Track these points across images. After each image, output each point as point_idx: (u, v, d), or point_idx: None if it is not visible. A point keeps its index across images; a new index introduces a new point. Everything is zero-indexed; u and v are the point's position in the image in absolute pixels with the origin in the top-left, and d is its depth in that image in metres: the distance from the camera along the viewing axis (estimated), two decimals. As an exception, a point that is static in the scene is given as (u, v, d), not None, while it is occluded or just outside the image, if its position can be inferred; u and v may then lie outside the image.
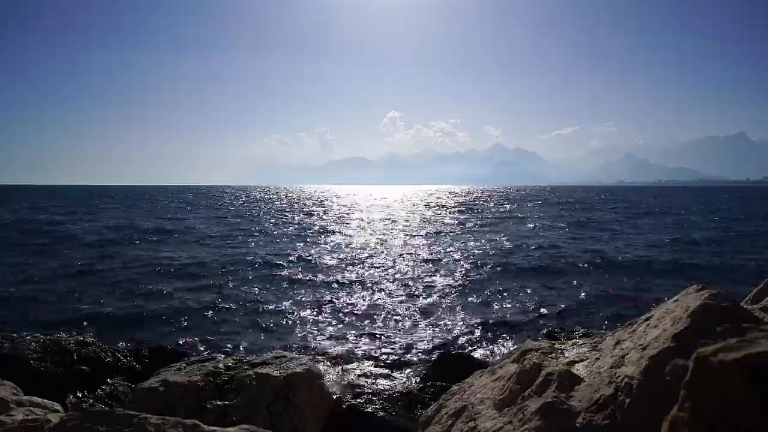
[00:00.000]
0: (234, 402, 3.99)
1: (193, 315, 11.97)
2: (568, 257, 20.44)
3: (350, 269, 17.83)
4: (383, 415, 4.34)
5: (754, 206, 64.05)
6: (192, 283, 15.53)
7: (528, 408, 2.43)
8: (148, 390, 4.10)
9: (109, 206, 61.53)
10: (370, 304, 12.90)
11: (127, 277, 16.12)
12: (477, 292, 14.39)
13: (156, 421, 2.49)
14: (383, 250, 22.70)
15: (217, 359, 4.59)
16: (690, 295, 2.44)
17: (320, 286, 15.21)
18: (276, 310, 12.55)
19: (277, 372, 4.22)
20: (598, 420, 2.17)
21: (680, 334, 2.20)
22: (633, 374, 2.21)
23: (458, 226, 36.18)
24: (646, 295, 13.85)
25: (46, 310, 12.17)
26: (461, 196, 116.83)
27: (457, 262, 19.31)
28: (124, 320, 11.48)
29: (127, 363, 5.80)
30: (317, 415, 4.26)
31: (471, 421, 2.69)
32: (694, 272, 17.12)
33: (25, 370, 4.94)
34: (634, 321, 2.74)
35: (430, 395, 4.69)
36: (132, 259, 19.54)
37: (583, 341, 3.00)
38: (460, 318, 11.66)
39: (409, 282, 15.66)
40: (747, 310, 2.44)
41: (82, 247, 23.30)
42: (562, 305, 12.78)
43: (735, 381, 0.97)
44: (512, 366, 2.94)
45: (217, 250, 22.88)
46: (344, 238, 28.11)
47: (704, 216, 44.88)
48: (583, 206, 63.56)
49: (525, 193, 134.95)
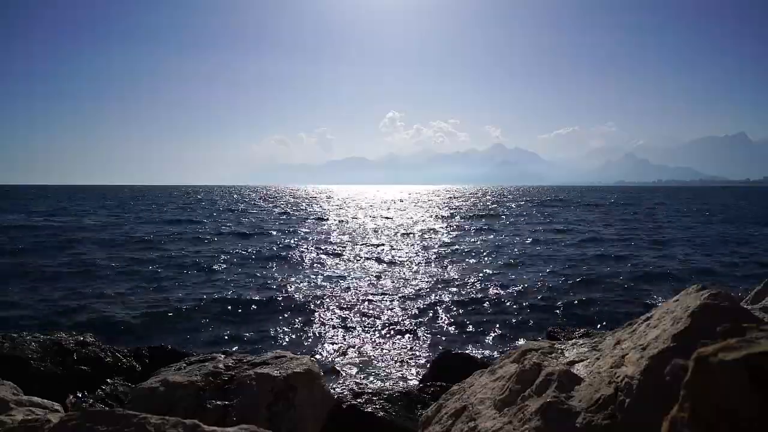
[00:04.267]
0: (234, 402, 3.99)
1: (193, 315, 11.97)
2: (568, 257, 20.44)
3: (350, 270, 17.82)
4: (383, 415, 4.34)
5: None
6: (192, 283, 15.53)
7: (528, 408, 2.43)
8: (148, 390, 4.09)
9: (109, 206, 61.51)
10: (370, 305, 12.89)
11: (127, 277, 16.12)
12: (477, 292, 14.39)
13: (156, 421, 2.49)
14: (383, 251, 22.69)
15: (217, 359, 4.58)
16: (690, 295, 2.44)
17: (320, 286, 15.22)
18: (276, 310, 12.54)
19: (277, 372, 4.22)
20: (598, 420, 2.17)
21: (680, 334, 2.20)
22: (633, 374, 2.21)
23: (458, 226, 36.17)
24: (646, 295, 13.86)
25: (46, 310, 12.17)
26: (463, 196, 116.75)
27: (457, 263, 19.30)
28: (124, 320, 11.48)
29: (127, 363, 5.79)
30: (317, 415, 4.26)
31: (471, 421, 2.69)
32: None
33: (25, 370, 4.93)
34: (634, 321, 2.74)
35: (430, 395, 4.68)
36: (131, 259, 19.55)
37: (583, 341, 3.00)
38: (460, 318, 11.65)
39: (409, 282, 15.66)
40: (747, 310, 2.44)
41: (79, 247, 23.30)
42: (562, 305, 12.78)
43: (735, 381, 0.97)
44: (512, 366, 2.94)
45: (217, 250, 22.87)
46: (344, 238, 28.10)
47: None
48: (581, 204, 63.59)
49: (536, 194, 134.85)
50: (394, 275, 16.77)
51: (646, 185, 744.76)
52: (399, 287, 14.95)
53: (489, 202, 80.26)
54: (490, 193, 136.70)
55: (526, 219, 42.09)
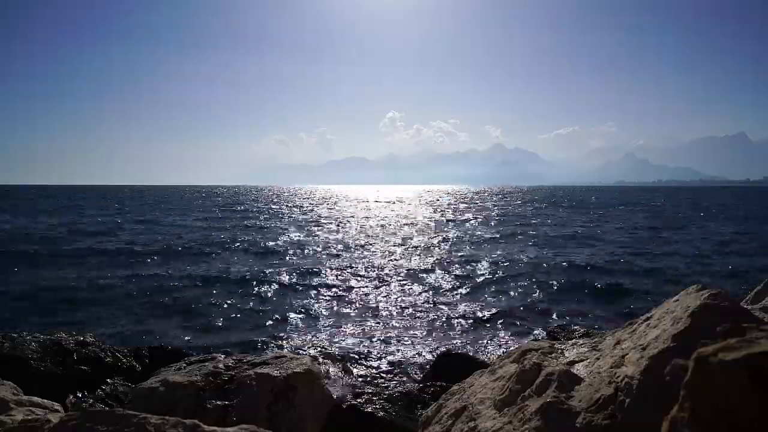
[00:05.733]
0: (234, 402, 3.99)
1: (193, 315, 11.97)
2: (569, 257, 20.44)
3: (350, 270, 17.82)
4: (383, 415, 4.34)
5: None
6: (192, 282, 15.52)
7: (528, 408, 2.43)
8: (148, 390, 4.09)
9: (107, 207, 61.52)
10: (370, 305, 12.90)
11: (127, 277, 16.12)
12: (477, 292, 14.39)
13: (156, 421, 2.49)
14: (383, 252, 22.69)
15: (217, 359, 4.58)
16: (690, 295, 2.44)
17: (320, 286, 15.21)
18: (276, 310, 12.54)
19: (277, 372, 4.22)
20: (598, 420, 2.17)
21: (680, 334, 2.20)
22: (633, 374, 2.21)
23: (458, 226, 36.18)
24: (646, 295, 13.85)
25: (47, 310, 12.18)
26: (463, 196, 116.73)
27: (457, 263, 19.30)
28: (124, 320, 11.49)
29: (127, 363, 5.79)
30: (317, 415, 4.26)
31: (471, 421, 2.69)
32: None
33: (25, 370, 4.94)
34: (634, 321, 2.74)
35: (430, 395, 4.68)
36: (129, 258, 19.55)
37: (583, 341, 3.00)
38: (460, 318, 11.65)
39: (409, 282, 15.66)
40: (747, 310, 2.44)
41: (77, 248, 23.30)
42: (562, 305, 12.78)
43: (735, 381, 0.97)
44: (512, 366, 2.94)
45: (219, 248, 22.87)
46: (344, 238, 28.10)
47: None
48: (581, 204, 63.60)
49: (536, 194, 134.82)
50: (393, 276, 16.76)
51: (646, 185, 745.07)
52: (399, 287, 14.95)
53: (489, 202, 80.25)
54: (489, 194, 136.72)
55: (526, 219, 42.09)
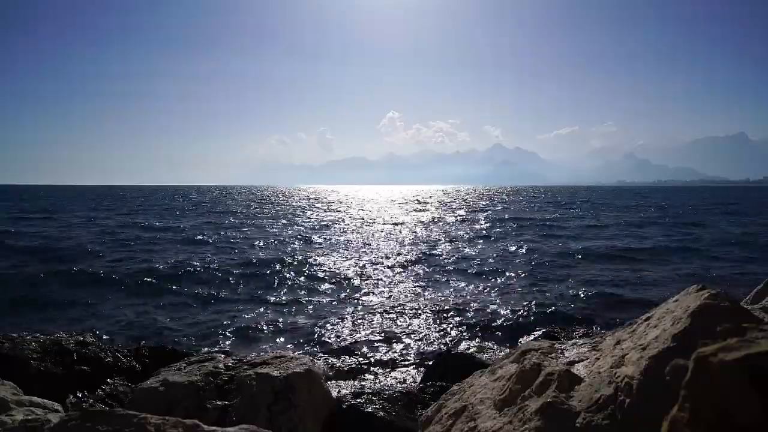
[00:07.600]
0: (234, 402, 3.99)
1: (193, 315, 11.98)
2: (569, 257, 20.44)
3: (349, 270, 17.82)
4: (383, 415, 4.34)
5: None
6: (192, 282, 15.53)
7: (528, 408, 2.43)
8: (148, 390, 4.09)
9: (110, 207, 61.53)
10: (370, 305, 12.90)
11: (126, 277, 16.11)
12: (477, 292, 14.39)
13: (156, 421, 2.49)
14: (382, 251, 22.69)
15: (217, 359, 4.58)
16: (690, 295, 2.44)
17: (320, 286, 15.21)
18: (276, 310, 12.55)
19: (277, 372, 4.22)
20: (598, 420, 2.17)
21: (680, 334, 2.20)
22: (633, 374, 2.21)
23: (458, 226, 36.17)
24: (646, 295, 13.85)
25: (46, 310, 12.18)
26: (464, 196, 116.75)
27: (456, 263, 19.30)
28: (123, 320, 11.49)
29: (127, 363, 5.79)
30: (317, 415, 4.26)
31: (471, 421, 2.69)
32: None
33: (25, 370, 4.93)
34: (634, 321, 2.74)
35: (430, 395, 4.68)
36: (129, 259, 19.55)
37: (583, 341, 3.00)
38: (460, 318, 11.65)
39: (409, 282, 15.66)
40: (747, 310, 2.44)
41: (77, 247, 23.30)
42: (562, 305, 12.78)
43: (735, 381, 0.97)
44: (512, 366, 2.94)
45: (218, 248, 22.88)
46: (343, 238, 28.10)
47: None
48: (581, 204, 63.60)
49: (536, 194, 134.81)
50: (393, 276, 16.77)
51: (646, 185, 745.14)
52: (399, 287, 14.96)
53: (489, 202, 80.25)
54: (489, 194, 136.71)
55: (526, 219, 42.08)
